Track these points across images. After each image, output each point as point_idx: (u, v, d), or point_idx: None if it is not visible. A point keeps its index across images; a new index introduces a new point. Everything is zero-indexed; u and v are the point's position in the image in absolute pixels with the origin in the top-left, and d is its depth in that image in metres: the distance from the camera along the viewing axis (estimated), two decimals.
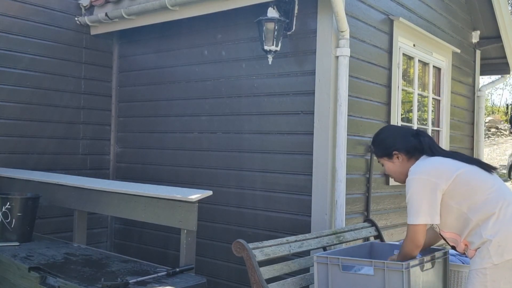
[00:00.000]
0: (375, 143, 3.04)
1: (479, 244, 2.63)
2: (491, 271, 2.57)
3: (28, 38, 5.05)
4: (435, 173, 2.68)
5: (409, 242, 2.73)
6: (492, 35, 6.75)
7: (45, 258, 3.48)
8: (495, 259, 2.57)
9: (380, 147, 2.98)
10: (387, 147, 2.93)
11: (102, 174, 5.58)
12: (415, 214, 2.66)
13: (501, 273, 2.57)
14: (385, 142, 2.96)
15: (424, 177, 2.67)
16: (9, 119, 4.95)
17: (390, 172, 2.98)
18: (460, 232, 2.73)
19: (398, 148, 2.89)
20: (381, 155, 2.97)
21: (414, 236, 2.69)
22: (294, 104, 4.24)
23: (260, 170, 4.44)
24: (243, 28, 4.58)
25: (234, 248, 3.00)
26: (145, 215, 3.66)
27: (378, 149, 3.00)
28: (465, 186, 2.67)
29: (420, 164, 2.77)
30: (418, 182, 2.67)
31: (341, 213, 3.94)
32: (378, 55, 4.57)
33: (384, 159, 2.96)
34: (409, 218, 2.69)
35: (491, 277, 2.57)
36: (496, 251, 2.57)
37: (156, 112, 5.33)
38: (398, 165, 2.90)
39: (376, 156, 3.02)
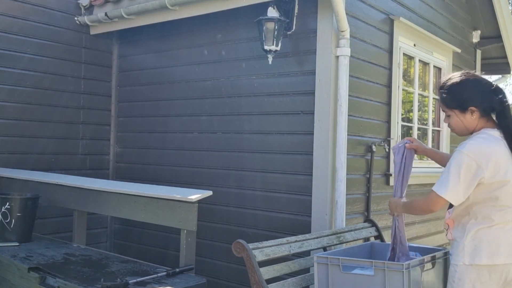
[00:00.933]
0: (452, 90, 2.66)
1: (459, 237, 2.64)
2: (460, 269, 2.60)
3: (27, 38, 5.04)
4: (487, 158, 2.51)
5: (425, 205, 2.67)
6: (492, 34, 6.74)
7: (44, 258, 3.48)
8: (467, 260, 2.58)
9: (456, 97, 2.64)
10: (465, 99, 2.62)
11: (101, 174, 5.57)
12: (446, 187, 2.54)
13: (468, 275, 2.58)
14: (465, 93, 2.63)
15: (475, 157, 2.51)
16: (9, 119, 4.94)
17: (455, 126, 2.70)
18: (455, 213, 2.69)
19: (476, 104, 2.60)
20: (453, 106, 2.65)
21: (432, 204, 2.61)
22: (294, 104, 4.23)
23: (260, 170, 4.43)
24: (243, 28, 4.57)
25: (234, 248, 2.99)
26: (144, 215, 3.65)
27: (453, 98, 2.65)
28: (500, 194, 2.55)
29: (480, 142, 2.57)
30: (466, 160, 2.51)
31: (341, 213, 3.94)
32: (378, 55, 4.56)
33: (454, 111, 2.66)
34: (439, 187, 2.56)
35: (458, 274, 2.60)
36: (470, 253, 2.58)
37: (156, 112, 5.32)
38: (469, 121, 2.64)
39: (445, 104, 2.68)
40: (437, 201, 2.59)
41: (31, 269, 3.18)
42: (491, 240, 2.57)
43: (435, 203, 2.61)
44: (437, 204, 2.61)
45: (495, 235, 2.57)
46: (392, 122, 4.71)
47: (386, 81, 4.67)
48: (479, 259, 2.55)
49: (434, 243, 5.26)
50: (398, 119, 4.85)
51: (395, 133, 4.76)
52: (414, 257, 3.09)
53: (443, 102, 2.71)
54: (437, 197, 2.58)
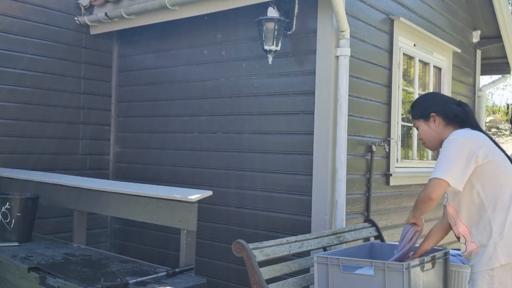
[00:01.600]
0: (415, 104, 2.94)
1: (485, 240, 2.55)
2: (498, 272, 2.50)
3: (27, 37, 5.04)
4: (476, 143, 2.57)
5: (425, 193, 2.60)
6: (492, 34, 6.74)
7: (44, 258, 3.47)
8: (503, 259, 2.50)
9: (418, 108, 2.87)
10: (425, 108, 2.82)
11: (101, 174, 5.57)
12: (443, 170, 2.53)
13: (508, 275, 2.51)
14: (425, 103, 2.87)
15: (465, 141, 2.57)
16: (9, 119, 4.94)
17: (423, 136, 2.85)
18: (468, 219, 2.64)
19: (436, 110, 2.78)
20: (418, 116, 2.85)
21: (432, 188, 2.54)
22: (294, 104, 4.23)
23: (260, 170, 4.43)
24: (243, 28, 4.57)
25: (234, 248, 2.99)
26: (144, 215, 3.65)
27: (416, 109, 2.88)
28: (497, 172, 2.57)
29: (464, 131, 2.68)
30: (458, 144, 2.57)
31: (341, 213, 3.93)
32: (378, 55, 4.56)
33: (420, 121, 2.83)
34: (435, 172, 2.55)
35: (498, 278, 2.50)
36: (504, 251, 2.50)
37: (156, 112, 5.32)
38: (433, 129, 2.79)
39: (413, 117, 2.90)
40: (437, 185, 2.53)
41: (31, 269, 3.18)
42: None
43: (436, 187, 2.54)
44: (438, 189, 2.53)
45: None
46: (392, 122, 4.71)
47: (386, 81, 4.67)
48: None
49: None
50: (398, 119, 4.85)
51: (395, 133, 4.77)
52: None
53: (412, 116, 2.91)
54: (436, 181, 2.53)
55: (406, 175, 4.96)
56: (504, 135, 23.54)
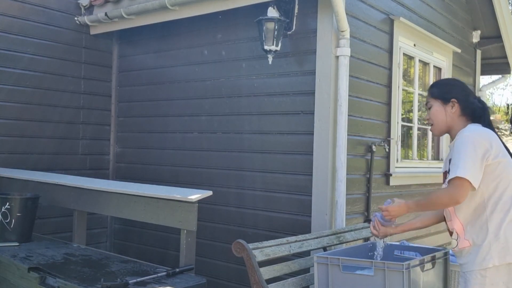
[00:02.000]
0: (438, 83, 2.88)
1: (480, 240, 2.54)
2: (490, 272, 2.50)
3: (27, 37, 5.04)
4: (489, 141, 2.54)
5: (449, 195, 2.50)
6: (492, 34, 6.74)
7: (44, 258, 3.47)
8: (497, 260, 2.49)
9: (441, 88, 2.79)
10: (448, 90, 2.75)
11: (101, 174, 5.57)
12: (463, 168, 2.45)
13: (500, 276, 2.50)
14: (449, 86, 2.80)
15: (479, 138, 2.53)
16: (9, 119, 4.94)
17: (434, 118, 2.75)
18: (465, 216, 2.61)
19: (458, 98, 2.71)
20: (436, 95, 2.75)
21: (457, 190, 2.46)
22: (294, 104, 4.23)
23: (260, 170, 4.43)
24: (243, 28, 4.57)
25: (234, 248, 2.99)
26: (144, 215, 3.65)
27: (437, 89, 2.79)
28: (503, 173, 2.54)
29: (476, 127, 2.63)
30: (474, 141, 2.51)
31: (341, 213, 3.93)
32: (378, 55, 4.56)
33: (437, 101, 2.74)
34: (458, 170, 2.45)
35: (490, 279, 2.50)
36: (499, 252, 2.50)
37: (156, 112, 5.32)
38: (448, 114, 2.71)
39: (431, 95, 2.78)
40: (462, 185, 2.44)
41: (31, 269, 3.18)
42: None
43: (460, 188, 2.45)
44: (462, 189, 2.45)
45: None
46: (392, 122, 4.71)
47: (386, 81, 4.67)
48: (510, 257, 2.49)
49: (434, 243, 5.26)
50: (398, 119, 4.85)
51: (395, 133, 4.77)
52: (414, 257, 3.09)
53: (429, 93, 2.80)
54: (461, 181, 2.44)
55: (406, 175, 4.96)
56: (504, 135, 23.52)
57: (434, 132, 2.84)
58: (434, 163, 5.62)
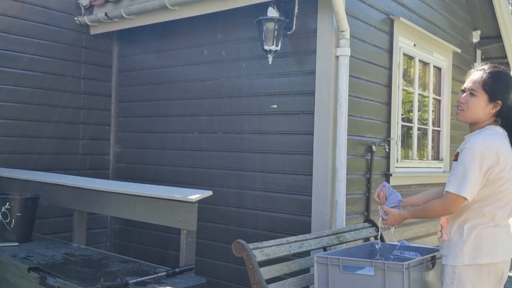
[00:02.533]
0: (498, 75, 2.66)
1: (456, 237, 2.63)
2: (459, 270, 2.60)
3: (27, 37, 5.04)
4: (496, 155, 2.52)
5: (443, 207, 2.60)
6: (492, 34, 6.74)
7: (44, 258, 3.47)
8: (467, 260, 2.58)
9: (498, 84, 2.63)
10: (503, 91, 2.63)
11: (101, 174, 5.57)
12: (463, 185, 2.51)
13: (468, 275, 2.58)
14: (503, 87, 2.64)
15: (487, 153, 2.51)
16: (9, 119, 4.94)
17: (472, 107, 2.64)
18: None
19: (504, 101, 2.62)
20: (489, 89, 2.61)
21: (451, 204, 2.56)
22: (294, 104, 4.23)
23: (260, 170, 4.43)
24: (243, 28, 4.57)
25: (234, 249, 2.99)
26: (144, 215, 3.65)
27: (495, 83, 2.63)
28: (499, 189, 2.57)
29: (489, 137, 2.58)
30: (480, 155, 2.50)
31: (341, 213, 3.93)
32: (378, 55, 4.56)
33: (484, 94, 2.62)
34: (454, 187, 2.53)
35: (458, 276, 2.60)
36: (469, 253, 2.58)
37: (156, 112, 5.32)
38: (485, 110, 2.63)
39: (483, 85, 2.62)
40: (457, 201, 2.54)
41: (31, 269, 3.18)
42: (491, 239, 2.58)
43: (454, 204, 2.55)
44: (456, 205, 2.55)
45: (495, 234, 2.59)
46: (392, 122, 4.71)
47: (386, 81, 4.67)
48: (480, 259, 2.56)
49: (434, 243, 5.25)
50: (398, 119, 4.85)
51: (395, 133, 4.77)
52: (414, 257, 3.09)
53: (482, 82, 2.64)
54: (457, 198, 2.54)
55: (406, 175, 4.96)
56: None
57: (460, 118, 2.74)
58: (434, 163, 5.62)
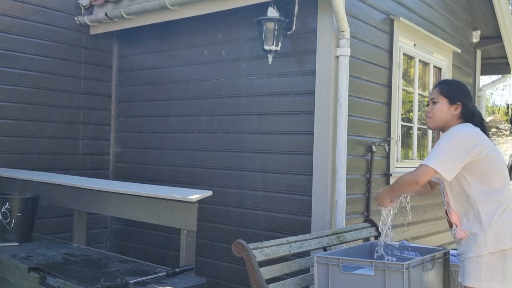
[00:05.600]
0: (451, 83, 3.06)
1: (475, 229, 2.72)
2: (486, 259, 2.67)
3: (27, 38, 5.04)
4: (474, 139, 2.72)
5: (412, 176, 2.75)
6: (492, 34, 6.74)
7: (44, 258, 3.48)
8: (491, 247, 2.66)
9: (452, 89, 2.95)
10: (457, 93, 2.92)
11: (101, 174, 5.57)
12: (434, 159, 2.69)
13: (495, 263, 2.66)
14: (459, 89, 2.96)
15: (464, 137, 2.71)
16: (9, 119, 4.94)
17: (436, 113, 2.94)
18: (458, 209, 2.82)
19: (464, 102, 2.90)
20: (446, 93, 2.92)
21: (420, 174, 2.71)
22: (294, 104, 4.23)
23: (260, 170, 4.43)
24: (243, 28, 4.57)
25: (234, 249, 2.99)
26: (144, 215, 3.65)
27: (448, 88, 2.95)
28: (489, 167, 2.73)
29: (466, 127, 2.80)
30: (456, 138, 2.71)
31: (341, 213, 3.94)
32: (378, 55, 4.56)
33: (444, 99, 2.91)
34: (427, 159, 2.71)
35: (485, 266, 2.67)
36: (492, 240, 2.67)
37: (156, 112, 5.32)
38: (449, 113, 2.90)
39: (441, 92, 2.94)
40: (425, 172, 2.69)
41: (31, 269, 3.19)
42: (509, 223, 2.70)
43: (423, 174, 2.70)
44: (424, 175, 2.70)
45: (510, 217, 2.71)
46: (392, 122, 4.71)
47: (386, 81, 4.67)
48: (504, 243, 2.66)
49: (434, 243, 5.26)
50: (398, 119, 4.85)
51: (395, 133, 4.77)
52: (414, 257, 3.09)
53: (439, 90, 2.96)
54: (425, 168, 2.69)
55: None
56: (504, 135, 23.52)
57: (430, 126, 3.02)
58: None
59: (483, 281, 2.66)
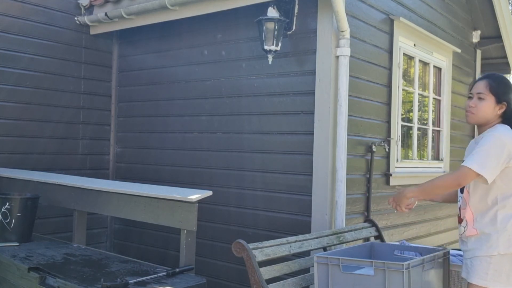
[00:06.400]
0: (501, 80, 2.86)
1: (488, 229, 2.71)
2: (495, 260, 2.67)
3: (28, 38, 5.05)
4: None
5: (454, 178, 2.71)
6: (492, 34, 6.74)
7: (44, 258, 3.48)
8: (502, 249, 2.67)
9: (500, 87, 2.82)
10: (505, 92, 2.81)
11: (101, 174, 5.57)
12: (476, 161, 2.64)
13: (503, 264, 2.67)
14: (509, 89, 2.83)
15: (507, 141, 2.68)
16: (9, 119, 4.94)
17: (480, 109, 2.82)
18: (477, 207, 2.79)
19: (509, 103, 2.81)
20: (494, 92, 2.80)
21: (463, 176, 2.67)
22: (294, 104, 4.23)
23: (260, 170, 4.43)
24: (243, 28, 4.57)
25: (234, 249, 2.99)
26: (144, 215, 3.65)
27: (499, 86, 2.82)
28: None
29: (507, 130, 2.76)
30: (501, 141, 2.67)
31: (341, 213, 3.93)
32: (378, 55, 4.56)
33: (491, 97, 2.80)
34: (472, 162, 2.65)
35: (494, 266, 2.67)
36: (504, 242, 2.67)
37: (156, 112, 5.32)
38: (493, 112, 2.80)
39: (490, 88, 2.81)
40: (468, 175, 2.65)
41: (31, 269, 3.19)
42: None
43: (466, 177, 2.67)
44: (467, 178, 2.67)
45: None
46: (392, 122, 4.71)
47: (386, 81, 4.67)
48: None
49: (434, 243, 5.26)
50: (398, 119, 4.85)
51: (395, 133, 4.77)
52: (414, 257, 3.09)
53: (488, 86, 2.82)
54: (469, 171, 2.64)
55: (406, 175, 4.96)
56: None
57: (470, 121, 2.89)
58: (434, 163, 5.62)
59: (490, 280, 2.66)
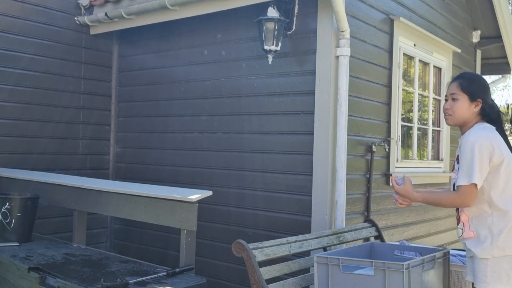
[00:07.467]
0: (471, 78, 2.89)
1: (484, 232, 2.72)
2: (492, 262, 2.68)
3: (27, 38, 5.04)
4: (494, 143, 2.69)
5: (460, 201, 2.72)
6: (492, 34, 6.74)
7: (44, 258, 3.48)
8: (496, 252, 2.67)
9: (473, 85, 2.84)
10: (478, 90, 2.83)
11: (101, 174, 5.57)
12: (470, 174, 2.65)
13: (501, 265, 2.67)
14: (479, 85, 2.86)
15: (485, 142, 2.68)
16: (9, 119, 4.94)
17: (455, 110, 2.84)
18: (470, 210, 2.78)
19: (484, 99, 2.82)
20: (466, 90, 2.82)
21: (468, 197, 2.68)
22: (294, 104, 4.23)
23: (260, 170, 4.43)
24: (243, 28, 4.57)
25: (234, 249, 2.99)
26: (144, 215, 3.65)
27: (470, 85, 2.83)
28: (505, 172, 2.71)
29: (485, 132, 2.76)
30: (478, 146, 2.66)
31: (341, 213, 3.93)
32: (378, 55, 4.56)
33: (464, 96, 2.81)
34: (464, 179, 2.67)
35: (491, 268, 2.68)
36: (498, 246, 2.67)
37: (156, 112, 5.32)
38: (469, 111, 2.82)
39: (461, 87, 2.83)
40: (472, 191, 2.67)
41: (31, 269, 3.19)
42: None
43: (468, 195, 2.68)
44: (470, 195, 2.68)
45: None
46: (392, 122, 4.71)
47: (386, 81, 4.67)
48: (509, 250, 2.67)
49: (434, 243, 5.26)
50: (398, 119, 4.85)
51: (395, 133, 4.76)
52: (414, 257, 3.09)
53: (459, 85, 2.85)
54: (469, 188, 2.66)
55: (406, 175, 4.95)
56: None
57: (449, 123, 2.92)
58: (434, 163, 5.61)
59: (489, 282, 2.67)
